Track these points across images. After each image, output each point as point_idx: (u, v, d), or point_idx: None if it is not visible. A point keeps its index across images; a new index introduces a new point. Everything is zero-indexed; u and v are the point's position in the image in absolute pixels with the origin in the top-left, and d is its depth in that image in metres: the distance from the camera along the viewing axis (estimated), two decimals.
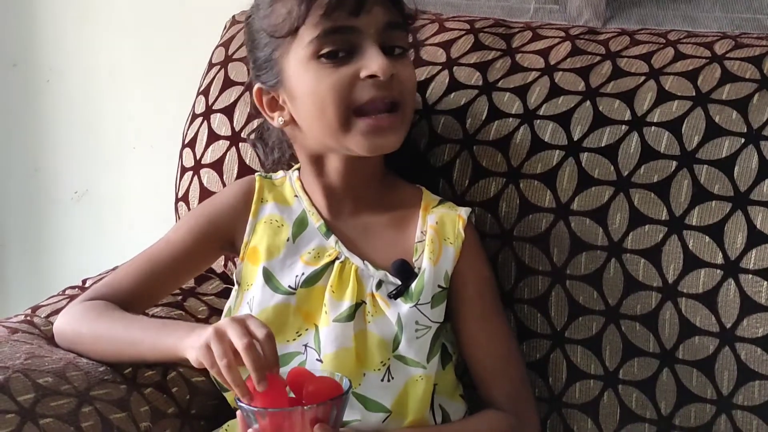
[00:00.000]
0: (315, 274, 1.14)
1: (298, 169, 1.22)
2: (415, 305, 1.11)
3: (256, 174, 1.24)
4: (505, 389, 1.15)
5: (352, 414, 1.09)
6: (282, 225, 1.18)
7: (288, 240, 1.17)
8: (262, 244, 1.17)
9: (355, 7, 1.08)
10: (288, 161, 1.25)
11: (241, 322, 0.99)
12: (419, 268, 1.13)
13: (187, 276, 1.26)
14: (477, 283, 1.15)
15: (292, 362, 1.13)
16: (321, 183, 1.17)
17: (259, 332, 0.98)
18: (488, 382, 1.16)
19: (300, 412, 0.95)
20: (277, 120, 1.16)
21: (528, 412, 1.16)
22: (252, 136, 1.29)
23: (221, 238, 1.21)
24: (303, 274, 1.14)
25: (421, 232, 1.16)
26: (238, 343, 0.96)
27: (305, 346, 1.13)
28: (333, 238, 1.16)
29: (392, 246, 1.15)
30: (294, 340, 1.13)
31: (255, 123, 1.33)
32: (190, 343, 1.02)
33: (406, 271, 1.12)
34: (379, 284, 1.13)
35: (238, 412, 1.01)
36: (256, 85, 1.16)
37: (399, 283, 1.12)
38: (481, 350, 1.15)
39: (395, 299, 1.11)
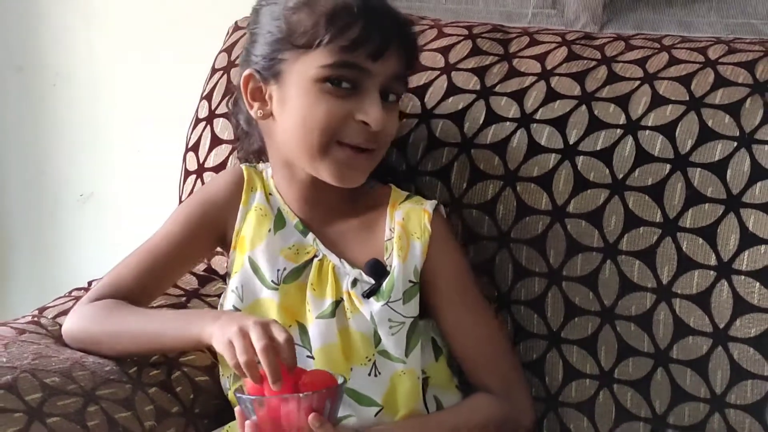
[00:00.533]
0: (296, 271, 1.16)
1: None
2: (386, 303, 1.13)
3: (242, 164, 1.25)
4: (495, 374, 1.16)
5: (345, 410, 1.11)
6: (266, 215, 1.20)
7: (269, 231, 1.19)
8: (248, 233, 1.19)
9: (376, 52, 1.10)
10: (257, 151, 1.25)
11: (265, 325, 1.01)
12: (391, 266, 1.14)
13: (187, 266, 1.28)
14: (451, 274, 1.17)
15: None
16: (293, 186, 1.19)
17: (280, 336, 1.00)
18: (478, 369, 1.17)
19: (297, 400, 0.97)
20: (255, 111, 1.16)
21: (521, 395, 1.18)
22: (230, 106, 1.31)
23: (216, 227, 1.22)
24: (285, 269, 1.16)
25: (390, 230, 1.17)
26: (258, 344, 0.99)
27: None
28: (311, 235, 1.18)
29: (365, 246, 1.17)
30: None
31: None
32: (215, 335, 1.04)
33: (378, 271, 1.14)
34: (354, 282, 1.14)
35: (237, 409, 1.03)
36: (248, 71, 1.16)
37: (372, 282, 1.14)
38: (466, 338, 1.17)
39: (368, 299, 1.13)
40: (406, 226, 1.16)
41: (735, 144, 1.18)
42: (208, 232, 1.23)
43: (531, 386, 1.24)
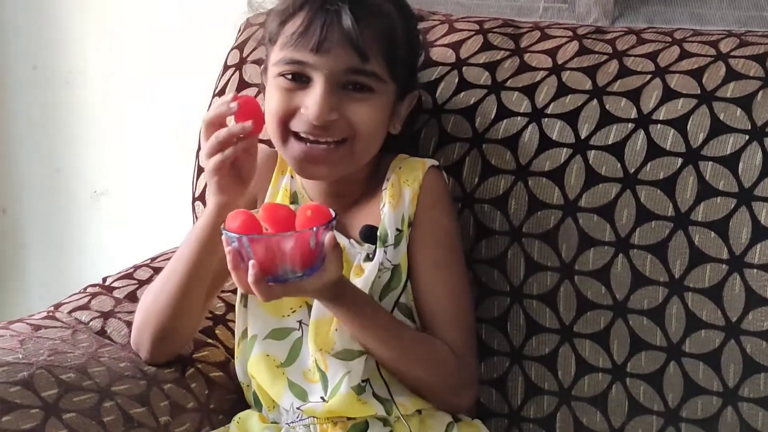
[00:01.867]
0: None
1: None
2: (383, 247, 1.15)
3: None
4: (452, 337, 1.17)
5: (339, 371, 1.13)
6: (287, 198, 1.22)
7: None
8: None
9: (314, 45, 1.11)
10: None
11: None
12: (383, 213, 1.16)
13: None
14: (434, 230, 1.18)
15: (287, 338, 1.17)
16: None
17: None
18: (436, 328, 1.17)
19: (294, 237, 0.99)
20: None
21: (469, 360, 1.18)
22: None
23: (249, 200, 1.23)
24: None
25: (387, 180, 1.19)
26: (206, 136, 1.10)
27: (299, 322, 1.17)
28: None
29: (369, 214, 1.19)
30: (288, 316, 1.17)
31: None
32: (209, 193, 1.11)
33: (371, 234, 1.16)
34: (367, 257, 1.16)
35: (228, 250, 1.01)
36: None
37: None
38: (433, 297, 1.17)
39: (372, 260, 1.15)
40: (400, 175, 1.19)
41: (747, 137, 1.17)
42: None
43: (544, 381, 1.24)
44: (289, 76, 1.13)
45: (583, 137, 1.24)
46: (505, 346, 1.27)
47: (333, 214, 1.02)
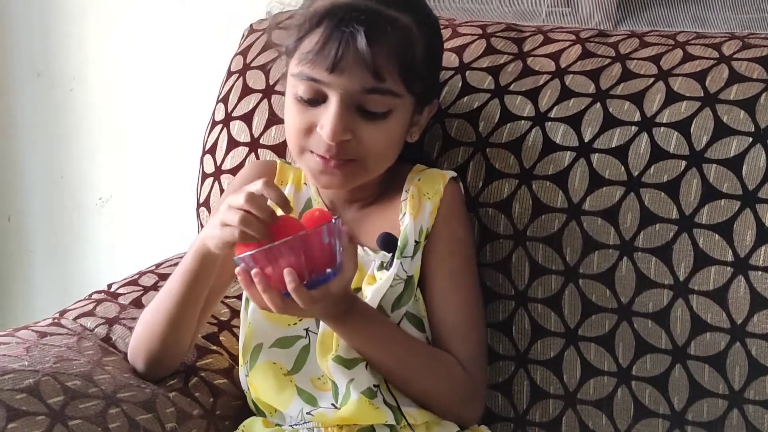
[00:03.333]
0: None
1: None
2: (400, 258, 1.15)
3: (278, 159, 1.27)
4: (463, 350, 1.16)
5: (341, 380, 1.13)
6: (293, 207, 1.21)
7: None
8: None
9: (330, 65, 1.10)
10: None
11: (238, 192, 1.04)
12: (404, 223, 1.16)
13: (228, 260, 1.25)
14: (450, 241, 1.18)
15: (293, 345, 1.17)
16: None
17: (253, 188, 1.03)
18: (448, 341, 1.17)
19: (296, 241, 0.99)
20: None
21: (478, 373, 1.18)
22: None
23: None
24: None
25: (405, 191, 1.19)
26: (239, 201, 1.02)
27: (306, 330, 1.17)
28: None
29: (385, 223, 1.19)
30: (295, 324, 1.17)
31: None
32: (205, 233, 1.07)
33: (390, 243, 1.15)
34: (381, 265, 1.16)
35: (254, 273, 1.01)
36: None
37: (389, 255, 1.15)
38: (446, 309, 1.17)
39: (388, 270, 1.15)
40: (420, 187, 1.19)
41: (750, 140, 1.17)
42: None
43: (550, 385, 1.24)
44: (306, 94, 1.13)
45: (586, 140, 1.24)
46: (510, 350, 1.27)
47: (336, 217, 1.03)
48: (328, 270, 1.02)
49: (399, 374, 1.14)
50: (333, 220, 1.01)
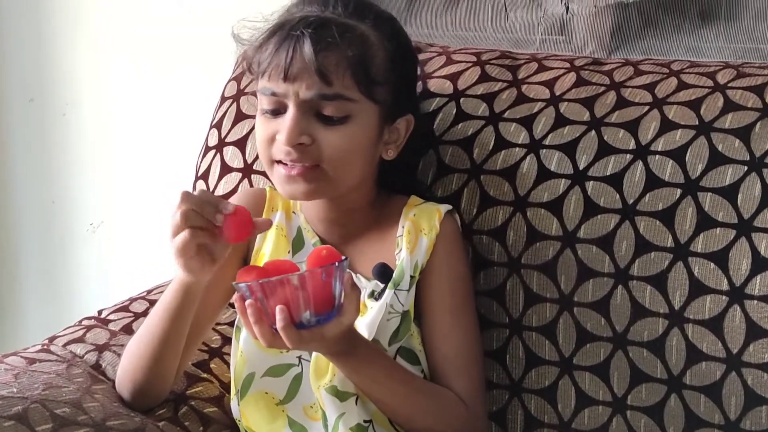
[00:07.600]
0: None
1: None
2: (394, 290, 1.14)
3: (267, 186, 1.27)
4: (464, 386, 1.16)
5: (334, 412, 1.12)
6: (285, 235, 1.22)
7: (289, 252, 1.21)
8: (268, 251, 1.21)
9: (282, 73, 1.12)
10: None
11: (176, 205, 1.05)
12: (400, 258, 1.16)
13: (219, 289, 1.21)
14: (450, 278, 1.18)
15: (286, 373, 1.16)
16: (311, 206, 1.22)
17: (186, 203, 1.04)
18: (449, 377, 1.16)
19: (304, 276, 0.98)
20: None
21: (478, 408, 1.17)
22: None
23: (238, 245, 1.19)
24: None
25: (401, 227, 1.19)
26: (175, 207, 1.03)
27: (299, 358, 1.16)
28: None
29: (378, 253, 1.19)
30: (288, 351, 1.15)
31: None
32: (176, 263, 1.06)
33: (385, 273, 1.15)
34: (372, 293, 1.16)
35: (248, 303, 1.00)
36: None
37: (381, 285, 1.15)
38: (447, 345, 1.17)
39: (378, 300, 1.14)
40: (417, 222, 1.19)
41: (745, 168, 1.17)
42: (236, 255, 1.21)
43: (544, 415, 1.23)
44: (269, 105, 1.15)
45: (581, 168, 1.24)
46: (504, 379, 1.26)
47: (344, 257, 1.02)
48: (326, 312, 1.01)
49: (402, 412, 1.13)
50: (337, 263, 1.00)
